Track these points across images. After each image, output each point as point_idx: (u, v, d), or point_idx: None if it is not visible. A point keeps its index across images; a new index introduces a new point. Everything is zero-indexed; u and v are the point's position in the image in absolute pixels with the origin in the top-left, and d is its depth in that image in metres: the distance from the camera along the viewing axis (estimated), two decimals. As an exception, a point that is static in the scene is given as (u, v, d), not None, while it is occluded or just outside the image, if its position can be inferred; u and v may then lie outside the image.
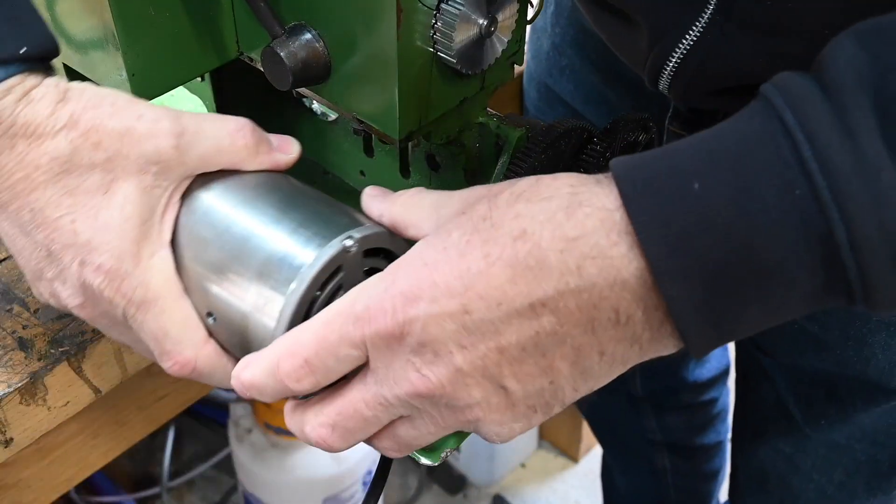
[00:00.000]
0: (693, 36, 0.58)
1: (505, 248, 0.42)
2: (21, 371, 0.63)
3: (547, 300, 0.41)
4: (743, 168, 0.39)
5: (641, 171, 0.41)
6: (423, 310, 0.42)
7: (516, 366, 0.43)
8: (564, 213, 0.41)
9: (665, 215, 0.39)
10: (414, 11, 0.49)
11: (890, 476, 0.81)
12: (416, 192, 0.50)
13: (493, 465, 1.69)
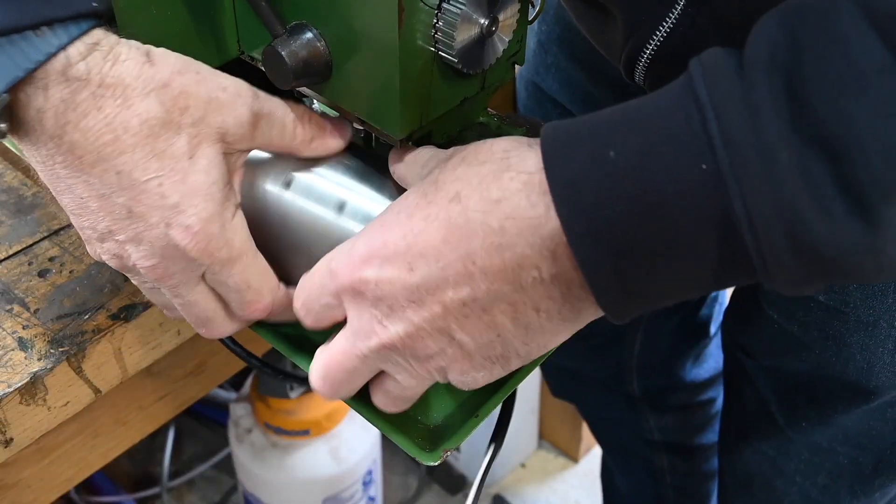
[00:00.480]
0: (666, 28, 0.58)
1: (441, 210, 0.45)
2: (21, 371, 0.63)
3: (475, 258, 0.44)
4: (655, 137, 0.40)
5: (563, 134, 0.43)
6: (374, 268, 0.47)
7: (462, 320, 0.46)
8: (493, 176, 0.44)
9: (578, 179, 0.41)
10: (415, 11, 0.49)
11: (872, 479, 0.81)
12: (419, 150, 0.54)
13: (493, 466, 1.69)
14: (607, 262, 0.42)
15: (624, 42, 0.62)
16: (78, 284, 0.69)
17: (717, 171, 0.39)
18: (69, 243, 0.72)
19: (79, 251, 0.72)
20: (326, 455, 1.37)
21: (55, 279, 0.69)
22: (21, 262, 0.71)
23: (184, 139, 0.50)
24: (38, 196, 0.77)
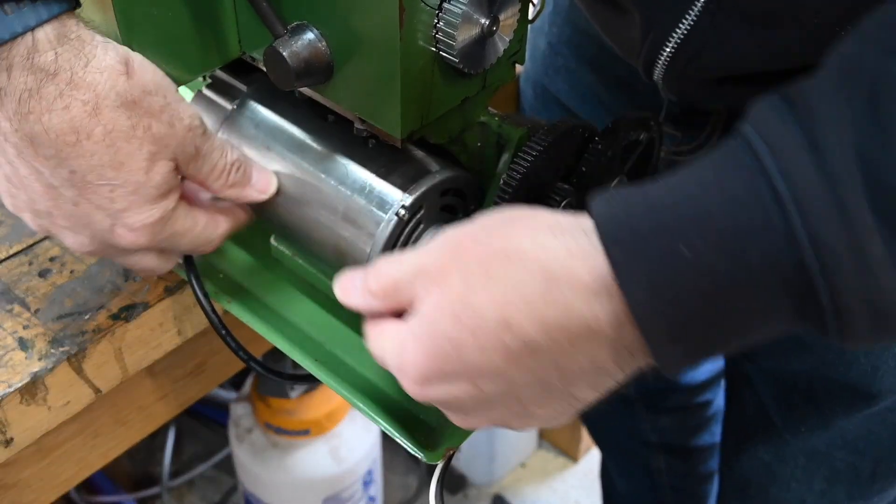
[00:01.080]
0: (686, 26, 0.58)
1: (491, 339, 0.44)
2: (21, 371, 0.63)
3: (544, 370, 0.45)
4: (732, 235, 0.40)
5: (628, 234, 0.41)
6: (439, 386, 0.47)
7: (537, 403, 0.47)
8: (541, 297, 0.43)
9: (653, 281, 0.41)
10: (416, 11, 0.49)
11: (871, 483, 0.80)
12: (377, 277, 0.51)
13: (493, 465, 1.69)
14: (681, 353, 0.43)
15: (642, 40, 0.61)
16: (78, 284, 0.69)
17: (803, 266, 0.39)
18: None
19: (79, 251, 0.72)
20: (326, 455, 1.37)
21: (55, 279, 0.69)
22: (21, 262, 0.71)
23: (144, 154, 0.51)
24: (39, 196, 0.77)
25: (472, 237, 0.47)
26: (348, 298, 0.52)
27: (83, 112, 0.49)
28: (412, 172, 0.58)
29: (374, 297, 0.50)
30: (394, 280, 0.49)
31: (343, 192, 0.59)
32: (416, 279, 0.48)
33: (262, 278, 0.69)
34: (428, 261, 0.47)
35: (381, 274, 0.50)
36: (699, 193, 0.41)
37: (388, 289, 0.49)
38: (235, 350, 0.64)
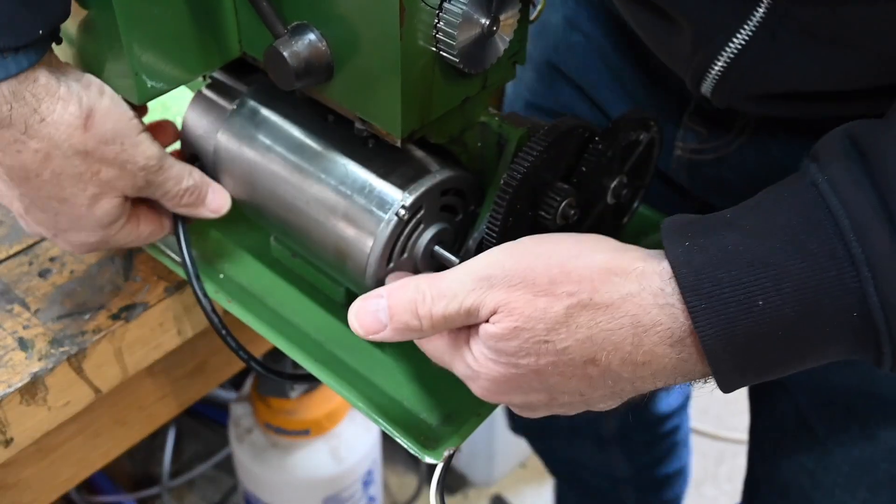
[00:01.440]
0: (741, 39, 0.56)
1: (577, 370, 0.48)
2: (21, 371, 0.63)
3: (625, 387, 0.50)
4: (805, 291, 0.43)
5: (708, 284, 0.44)
6: (515, 398, 0.51)
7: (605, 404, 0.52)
8: (631, 342, 0.47)
9: (729, 329, 0.44)
10: (416, 11, 0.49)
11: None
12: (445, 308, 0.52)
13: (492, 465, 1.69)
14: (742, 380, 0.47)
15: (692, 52, 0.60)
16: (78, 284, 0.69)
17: (870, 321, 0.43)
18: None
19: (79, 251, 0.72)
20: (326, 455, 1.37)
21: (55, 279, 0.69)
22: (21, 263, 0.71)
23: (88, 195, 0.57)
24: (39, 196, 0.77)
25: (550, 278, 0.48)
26: (377, 335, 0.52)
27: (34, 158, 0.53)
28: (412, 172, 0.58)
29: (420, 332, 0.51)
30: (448, 316, 0.50)
31: (343, 192, 0.59)
32: (479, 310, 0.49)
33: (262, 278, 0.69)
34: (498, 298, 0.48)
35: (433, 314, 0.50)
36: (775, 247, 0.44)
37: (440, 324, 0.50)
38: (235, 349, 0.64)
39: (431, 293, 0.50)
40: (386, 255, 0.58)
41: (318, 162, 0.61)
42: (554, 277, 0.48)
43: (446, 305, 0.49)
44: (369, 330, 0.52)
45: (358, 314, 0.52)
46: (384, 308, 0.51)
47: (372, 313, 0.52)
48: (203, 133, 0.66)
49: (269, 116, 0.64)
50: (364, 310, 0.52)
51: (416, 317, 0.50)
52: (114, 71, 0.55)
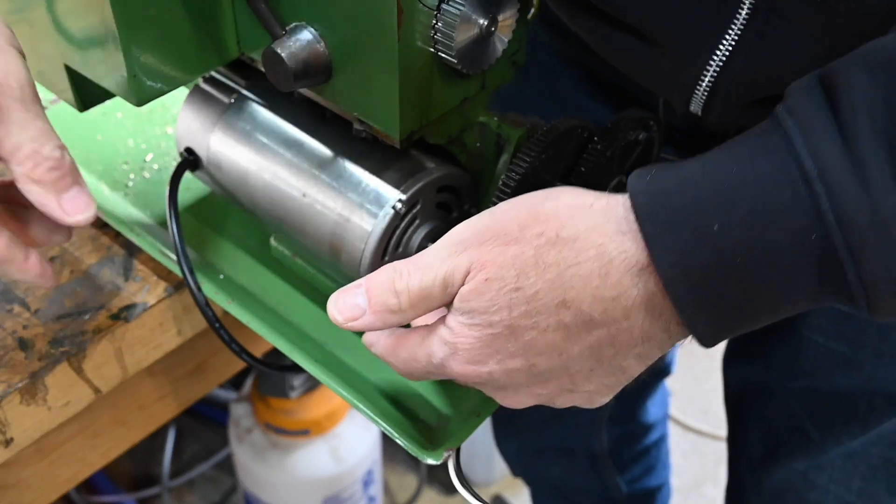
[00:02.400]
0: (728, 44, 0.55)
1: (551, 316, 0.47)
2: (21, 371, 0.63)
3: (601, 337, 0.47)
4: (761, 213, 0.42)
5: (662, 209, 0.44)
6: (494, 367, 0.49)
7: (586, 377, 0.50)
8: (598, 275, 0.46)
9: (685, 256, 0.43)
10: (414, 12, 0.49)
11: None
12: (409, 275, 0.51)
13: (492, 465, 1.69)
14: (714, 325, 0.45)
15: (676, 72, 0.58)
16: (78, 284, 0.69)
17: (829, 243, 0.41)
18: (69, 243, 0.72)
19: (79, 251, 0.72)
20: (326, 455, 1.37)
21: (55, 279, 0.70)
22: (21, 263, 0.71)
23: None
24: (39, 196, 0.77)
25: (519, 224, 0.48)
26: (357, 322, 0.51)
27: None
28: (409, 168, 0.59)
29: (400, 313, 0.50)
30: (424, 288, 0.49)
31: (339, 187, 0.59)
32: (454, 275, 0.48)
33: (262, 278, 0.69)
34: (471, 256, 0.48)
35: (410, 288, 0.49)
36: (730, 171, 0.43)
37: (417, 299, 0.49)
38: (228, 342, 0.64)
39: (408, 268, 0.49)
40: (381, 249, 0.58)
41: (314, 157, 0.61)
42: (523, 222, 0.47)
43: (422, 277, 0.49)
44: (348, 316, 0.51)
45: (336, 302, 0.51)
46: (362, 293, 0.51)
47: (350, 299, 0.51)
48: (199, 127, 0.66)
49: (265, 112, 0.64)
50: (342, 297, 0.51)
51: (394, 293, 0.49)
52: (112, 72, 0.56)
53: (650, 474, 1.21)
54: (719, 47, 0.55)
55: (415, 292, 0.49)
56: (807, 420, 0.80)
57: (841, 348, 0.74)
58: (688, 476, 1.76)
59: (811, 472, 0.82)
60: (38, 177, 0.49)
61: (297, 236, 0.63)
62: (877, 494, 0.80)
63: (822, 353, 0.75)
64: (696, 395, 1.89)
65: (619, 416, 1.11)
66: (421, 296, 0.49)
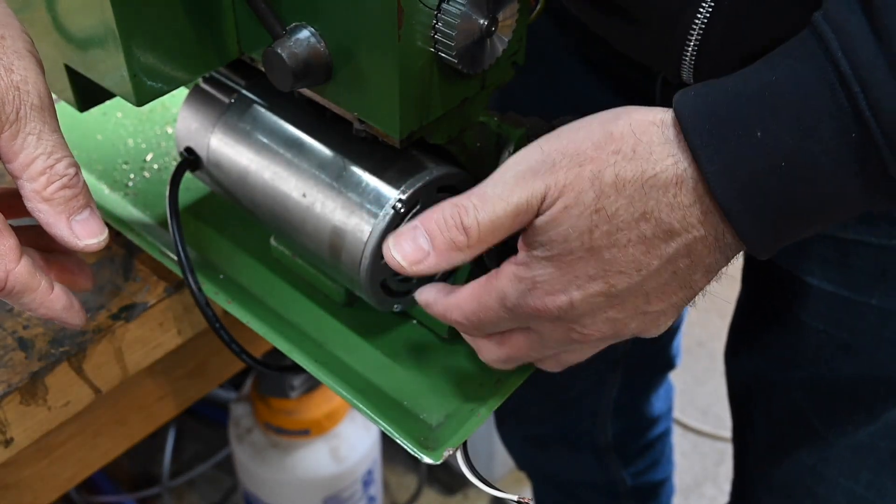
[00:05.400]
0: (707, 9, 0.55)
1: (631, 231, 0.47)
2: (21, 371, 0.63)
3: (678, 248, 0.48)
4: (803, 118, 0.44)
5: (707, 119, 0.45)
6: (574, 294, 0.49)
7: (658, 295, 0.50)
8: (675, 185, 0.47)
9: (732, 166, 0.45)
10: (414, 12, 0.49)
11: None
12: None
13: (492, 465, 1.69)
14: (766, 230, 0.46)
15: (664, 42, 0.58)
16: (78, 284, 0.69)
17: (869, 141, 0.43)
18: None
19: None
20: (326, 455, 1.37)
21: (55, 279, 0.69)
22: (21, 263, 0.71)
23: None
24: (39, 196, 0.77)
25: (593, 143, 0.48)
26: (422, 264, 0.49)
27: None
28: (408, 169, 0.59)
29: (467, 249, 0.49)
30: (495, 220, 0.48)
31: (339, 187, 0.59)
32: (528, 203, 0.47)
33: (262, 278, 0.69)
34: (546, 182, 0.47)
35: (479, 221, 0.48)
36: (770, 80, 0.44)
37: (487, 233, 0.48)
38: (228, 342, 0.64)
39: (472, 202, 0.48)
40: (381, 249, 0.58)
41: (314, 157, 0.61)
42: (597, 142, 0.47)
43: (493, 209, 0.47)
44: (413, 259, 0.49)
45: (395, 247, 0.49)
46: (422, 233, 0.48)
47: (409, 242, 0.49)
48: (199, 127, 0.66)
49: (265, 112, 0.64)
50: (400, 241, 0.49)
51: (462, 230, 0.48)
52: (112, 72, 0.56)
53: (655, 468, 1.20)
54: (700, 8, 0.55)
55: (485, 226, 0.48)
56: (811, 411, 0.80)
57: (841, 335, 0.74)
58: (688, 476, 1.76)
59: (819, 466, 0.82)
60: (50, 195, 0.47)
61: (297, 236, 0.63)
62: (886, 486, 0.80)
63: (823, 340, 0.75)
64: (696, 395, 1.89)
65: (624, 409, 1.11)
66: (491, 228, 0.48)
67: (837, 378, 0.77)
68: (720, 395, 0.95)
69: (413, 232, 0.49)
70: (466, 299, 0.52)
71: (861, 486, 0.80)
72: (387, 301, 0.62)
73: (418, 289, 0.56)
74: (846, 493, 0.81)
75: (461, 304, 0.53)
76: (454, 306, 0.53)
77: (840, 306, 0.72)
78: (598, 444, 1.15)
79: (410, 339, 0.66)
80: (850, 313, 0.72)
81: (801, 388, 0.80)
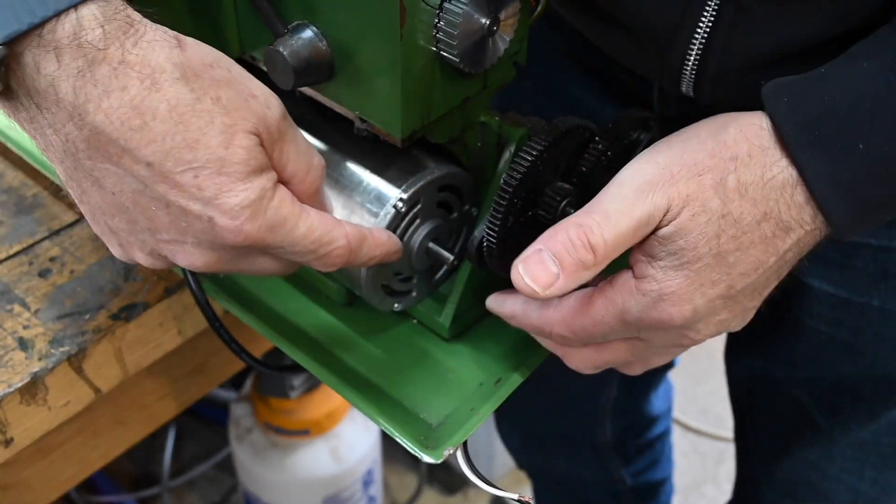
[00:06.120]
0: (708, 21, 0.55)
1: (754, 233, 0.49)
2: (21, 371, 0.63)
3: (792, 244, 0.50)
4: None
5: (809, 132, 0.47)
6: (698, 301, 0.50)
7: (762, 291, 0.52)
8: (791, 186, 0.49)
9: (834, 174, 0.47)
10: (417, 11, 0.49)
11: None
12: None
13: (493, 465, 1.69)
14: (858, 223, 0.49)
15: (663, 55, 0.58)
16: (78, 284, 0.69)
17: None
18: (70, 243, 0.72)
19: (79, 251, 0.72)
20: (326, 455, 1.37)
21: (56, 279, 0.69)
22: (21, 262, 0.71)
23: (218, 127, 0.46)
24: (39, 196, 0.77)
25: (709, 152, 0.49)
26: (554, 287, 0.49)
27: (142, 89, 0.44)
28: (409, 168, 0.59)
29: (594, 267, 0.49)
30: (619, 236, 0.48)
31: (340, 187, 0.59)
32: (651, 216, 0.48)
33: (263, 278, 0.69)
34: (668, 194, 0.48)
35: (606, 239, 0.48)
36: (870, 95, 0.47)
37: (612, 249, 0.49)
38: (228, 342, 0.64)
39: (596, 220, 0.48)
40: None
41: None
42: (712, 150, 0.49)
43: (617, 225, 0.48)
44: (545, 283, 0.49)
45: (526, 274, 0.49)
46: (549, 256, 0.49)
47: (538, 266, 0.49)
48: None
49: None
50: (530, 267, 0.49)
51: (589, 249, 0.48)
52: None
53: (655, 467, 1.21)
54: (699, 24, 0.55)
55: (611, 242, 0.48)
56: (814, 408, 0.80)
57: (842, 336, 0.74)
58: (688, 476, 1.76)
59: (823, 463, 0.82)
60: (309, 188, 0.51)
61: None
62: (890, 483, 0.80)
63: (825, 340, 0.75)
64: (696, 395, 1.89)
65: (623, 408, 1.11)
66: (616, 245, 0.48)
67: (839, 377, 0.77)
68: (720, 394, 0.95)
69: (539, 255, 0.49)
70: (575, 314, 0.52)
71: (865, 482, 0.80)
72: (387, 301, 0.62)
73: (492, 298, 0.57)
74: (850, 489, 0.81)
75: (567, 319, 0.53)
76: (558, 321, 0.53)
77: (841, 307, 0.72)
78: (598, 443, 1.15)
79: (410, 339, 0.66)
80: (852, 314, 0.72)
81: (803, 387, 0.81)
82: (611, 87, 0.78)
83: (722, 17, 0.55)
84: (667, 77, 0.60)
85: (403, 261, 0.60)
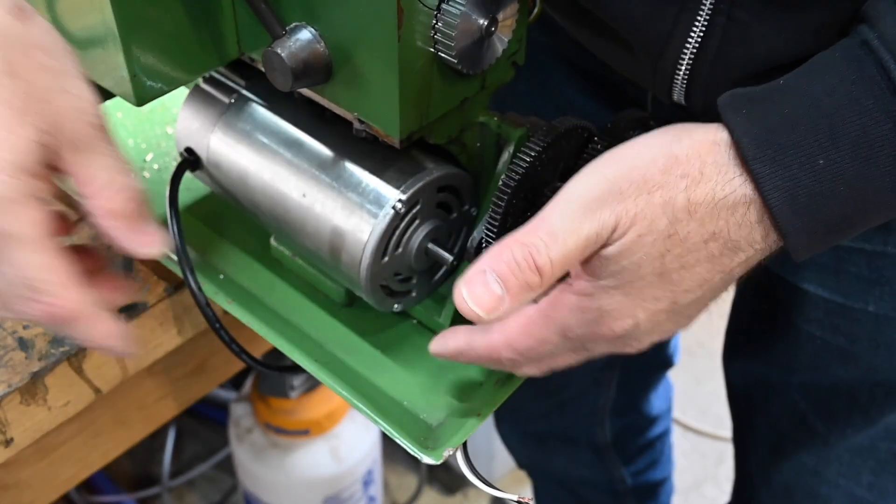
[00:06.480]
0: (699, 31, 0.55)
1: (700, 252, 0.48)
2: (21, 371, 0.63)
3: (741, 262, 0.49)
4: (862, 147, 0.45)
5: (769, 146, 0.46)
6: (640, 317, 0.49)
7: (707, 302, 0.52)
8: (744, 205, 0.47)
9: (793, 189, 0.46)
10: (414, 12, 0.49)
11: None
12: None
13: (492, 465, 1.69)
14: (815, 243, 0.48)
15: (654, 63, 0.58)
16: (78, 285, 0.69)
17: None
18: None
19: (79, 251, 0.72)
20: (326, 455, 1.37)
21: (55, 279, 0.69)
22: (21, 263, 0.71)
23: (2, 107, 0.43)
24: (39, 196, 0.77)
25: (660, 168, 0.47)
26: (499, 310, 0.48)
27: None
28: (408, 169, 0.59)
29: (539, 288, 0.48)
30: (567, 255, 0.47)
31: (339, 188, 0.59)
32: (599, 234, 0.47)
33: (262, 278, 0.69)
34: (616, 212, 0.47)
35: (552, 260, 0.47)
36: (829, 109, 0.45)
37: (559, 269, 0.47)
38: (228, 342, 0.64)
39: (542, 239, 0.47)
40: (381, 249, 0.58)
41: (314, 157, 0.61)
42: (663, 166, 0.47)
43: (564, 243, 0.46)
44: (489, 307, 0.47)
45: (470, 297, 0.47)
46: (494, 279, 0.47)
47: (482, 289, 0.47)
48: (199, 127, 0.66)
49: (265, 112, 0.64)
50: (473, 289, 0.47)
51: (535, 270, 0.47)
52: (111, 72, 0.56)
53: (655, 467, 1.21)
54: (690, 34, 0.55)
55: (558, 262, 0.47)
56: (811, 413, 0.80)
57: (838, 341, 0.74)
58: (688, 476, 1.76)
59: (820, 467, 0.82)
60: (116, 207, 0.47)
61: (297, 236, 0.63)
62: (887, 488, 0.80)
63: (820, 346, 0.75)
64: (696, 395, 1.89)
65: (623, 408, 1.11)
66: (563, 264, 0.47)
67: (836, 382, 0.77)
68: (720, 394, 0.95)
69: (483, 277, 0.47)
70: (518, 336, 0.51)
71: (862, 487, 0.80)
72: (387, 301, 0.62)
73: (434, 343, 0.56)
74: (847, 494, 0.81)
75: (512, 341, 0.52)
76: (504, 345, 0.52)
77: (836, 313, 0.72)
78: (598, 443, 1.15)
79: (410, 339, 0.66)
80: (847, 319, 0.72)
81: (800, 391, 0.81)
82: (606, 91, 0.78)
83: (713, 27, 0.54)
84: (658, 85, 0.59)
85: (403, 261, 0.60)
